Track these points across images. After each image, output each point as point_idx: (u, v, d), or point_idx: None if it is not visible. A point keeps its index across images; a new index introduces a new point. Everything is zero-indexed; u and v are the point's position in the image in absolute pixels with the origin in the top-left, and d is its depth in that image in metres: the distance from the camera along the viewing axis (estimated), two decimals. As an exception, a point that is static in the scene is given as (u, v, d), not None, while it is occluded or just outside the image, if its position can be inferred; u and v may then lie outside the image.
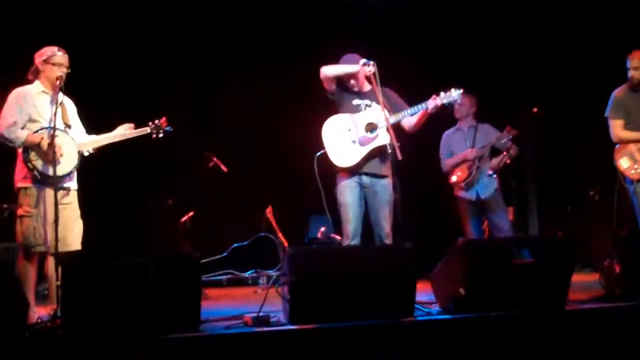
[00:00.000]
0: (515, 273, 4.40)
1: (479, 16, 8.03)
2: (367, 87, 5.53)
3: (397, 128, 5.41)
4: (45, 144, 4.83)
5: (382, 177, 5.40)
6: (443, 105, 5.30)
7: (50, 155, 4.80)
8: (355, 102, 5.49)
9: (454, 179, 6.65)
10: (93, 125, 5.39)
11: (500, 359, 4.15)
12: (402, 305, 4.29)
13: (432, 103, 5.28)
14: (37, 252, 4.90)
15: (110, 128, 5.33)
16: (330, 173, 5.49)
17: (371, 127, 5.37)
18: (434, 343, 4.14)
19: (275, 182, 8.24)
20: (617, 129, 5.88)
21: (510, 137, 6.55)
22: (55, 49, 5.08)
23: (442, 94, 5.30)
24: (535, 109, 6.92)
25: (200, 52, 8.16)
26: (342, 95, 5.52)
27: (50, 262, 4.93)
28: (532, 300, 4.37)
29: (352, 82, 5.50)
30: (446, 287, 4.53)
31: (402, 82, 5.67)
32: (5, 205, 6.86)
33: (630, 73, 5.84)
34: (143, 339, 3.87)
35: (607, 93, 6.01)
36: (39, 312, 4.70)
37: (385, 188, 5.39)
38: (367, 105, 5.45)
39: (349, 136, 5.40)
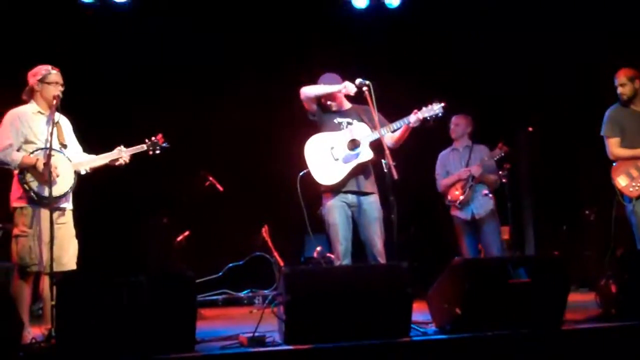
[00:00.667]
0: (512, 292, 4.39)
1: (475, 36, 8.06)
2: (346, 105, 5.58)
3: (379, 145, 5.38)
4: (40, 165, 4.83)
5: (368, 194, 5.40)
6: (425, 119, 5.27)
7: (45, 176, 4.79)
8: (337, 120, 5.49)
9: (449, 198, 6.67)
10: (89, 144, 5.37)
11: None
12: (398, 325, 4.28)
13: (414, 117, 5.26)
14: (33, 272, 4.88)
15: (106, 147, 5.32)
16: (316, 193, 5.51)
17: (353, 145, 5.38)
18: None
19: (271, 201, 8.23)
20: (613, 147, 5.91)
21: (502, 153, 6.58)
22: (49, 67, 5.08)
23: (423, 108, 5.28)
24: (530, 128, 6.94)
25: (197, 71, 8.18)
26: (323, 114, 5.54)
27: (45, 282, 4.91)
28: (529, 319, 4.36)
29: (329, 102, 5.54)
30: (442, 306, 4.52)
31: (396, 101, 5.68)
32: (0, 225, 6.83)
33: (619, 90, 5.90)
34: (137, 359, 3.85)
35: (602, 111, 6.04)
36: (33, 332, 4.67)
37: (372, 205, 5.38)
38: (348, 123, 5.46)
39: (332, 154, 5.41)
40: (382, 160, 5.30)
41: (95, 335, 3.93)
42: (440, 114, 5.30)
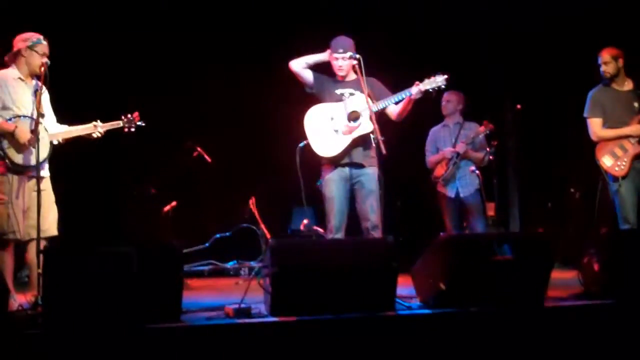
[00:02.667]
0: (495, 269, 4.44)
1: (467, 14, 8.05)
2: (351, 76, 5.48)
3: (383, 118, 5.40)
4: (19, 133, 4.80)
5: (366, 167, 5.35)
6: (427, 91, 5.22)
7: (22, 144, 4.80)
8: (339, 91, 5.42)
9: (434, 174, 6.71)
10: (67, 115, 5.34)
11: (480, 354, 4.19)
12: (383, 299, 4.32)
13: (416, 89, 5.21)
14: (11, 240, 4.87)
15: (83, 118, 5.30)
16: (315, 165, 5.47)
17: (354, 116, 5.32)
18: (414, 337, 4.17)
19: (259, 173, 8.24)
20: (596, 127, 5.94)
21: (488, 131, 6.60)
22: (40, 36, 5.02)
23: (425, 80, 5.22)
24: (518, 106, 6.96)
25: (184, 42, 8.12)
26: (323, 85, 5.47)
27: (31, 249, 4.91)
28: (512, 296, 4.41)
29: (337, 69, 5.44)
30: (427, 281, 4.56)
31: (385, 77, 5.67)
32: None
33: (602, 69, 5.94)
34: (124, 328, 3.87)
35: (590, 89, 6.07)
36: (19, 300, 4.68)
37: (370, 178, 5.32)
38: (350, 94, 5.37)
39: (332, 125, 5.36)
40: (371, 135, 5.26)
41: (82, 304, 3.94)
42: (443, 86, 5.24)
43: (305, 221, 7.87)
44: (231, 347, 3.92)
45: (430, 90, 5.22)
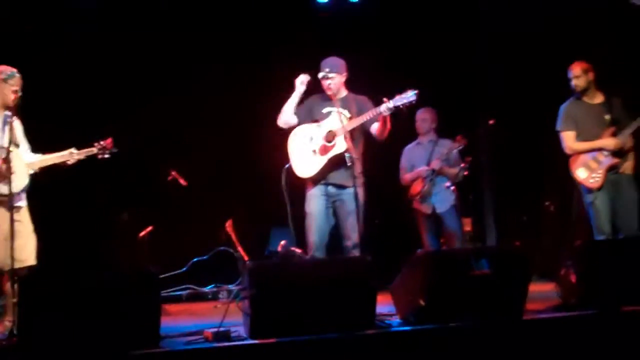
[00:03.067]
0: (474, 283, 4.45)
1: (442, 22, 8.14)
2: (342, 93, 5.55)
3: (371, 138, 5.47)
4: None
5: (348, 187, 5.35)
6: (397, 107, 5.18)
7: (1, 174, 4.80)
8: (326, 110, 5.49)
9: (410, 192, 6.74)
10: (40, 144, 5.34)
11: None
12: (362, 318, 4.31)
13: (384, 106, 5.19)
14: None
15: (55, 145, 5.31)
16: (300, 185, 5.53)
17: (330, 136, 5.37)
18: (395, 355, 4.16)
19: (235, 195, 8.21)
20: (569, 140, 6.01)
21: (461, 147, 6.64)
22: (14, 70, 5.07)
23: (396, 96, 5.19)
24: (491, 121, 7.03)
25: (160, 62, 8.09)
26: (312, 109, 5.55)
27: (6, 278, 4.85)
28: (491, 310, 4.43)
29: (325, 88, 5.47)
30: (406, 298, 4.56)
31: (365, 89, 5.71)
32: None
33: (573, 82, 6.01)
34: (102, 356, 3.82)
35: (562, 102, 6.14)
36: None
37: (350, 197, 5.29)
38: (338, 112, 5.38)
39: (310, 146, 5.43)
40: (345, 154, 5.27)
41: (58, 332, 3.90)
42: (413, 101, 5.18)
43: (282, 242, 7.84)
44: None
45: (401, 106, 5.18)
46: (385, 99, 5.23)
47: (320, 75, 5.43)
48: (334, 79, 5.44)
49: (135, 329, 4.00)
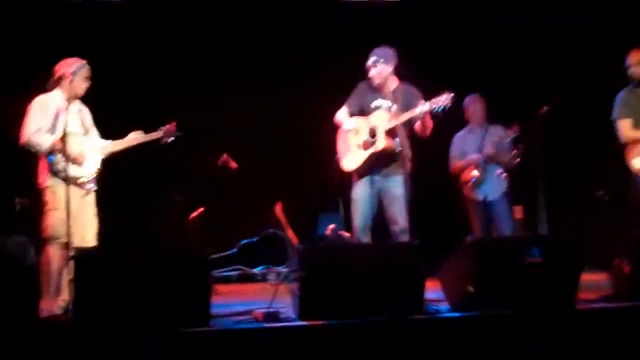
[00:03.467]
0: (525, 272, 4.41)
1: (492, 16, 8.04)
2: (391, 85, 5.58)
3: (412, 130, 5.48)
4: (69, 148, 5.01)
5: (393, 175, 5.46)
6: (432, 110, 5.23)
7: (72, 157, 5.05)
8: (375, 103, 5.56)
9: (463, 178, 6.67)
10: (105, 130, 5.55)
11: (509, 357, 4.16)
12: (411, 303, 4.31)
13: (419, 109, 5.25)
14: (64, 244, 4.95)
15: (120, 133, 5.52)
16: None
17: (372, 131, 5.45)
18: (442, 341, 4.16)
19: (286, 179, 8.25)
20: (626, 129, 5.89)
21: (515, 134, 6.54)
22: (84, 61, 5.24)
23: (433, 99, 5.24)
24: (545, 108, 6.90)
25: (213, 47, 8.18)
26: (361, 102, 5.61)
27: (49, 255, 5.03)
28: (542, 299, 4.38)
29: (372, 78, 5.54)
30: (455, 285, 4.54)
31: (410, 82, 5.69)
32: (17, 200, 6.93)
33: (631, 70, 5.89)
34: (153, 334, 3.90)
35: (617, 92, 6.02)
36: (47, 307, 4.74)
37: (397, 184, 5.41)
38: (387, 107, 5.49)
39: (356, 140, 5.53)
40: (396, 139, 5.34)
41: (112, 310, 3.99)
42: (448, 106, 5.23)
43: (331, 226, 7.87)
44: (260, 351, 3.93)
45: (436, 108, 5.22)
46: (421, 101, 5.29)
47: (369, 64, 5.51)
48: (379, 68, 5.49)
49: (186, 308, 4.06)
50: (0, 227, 6.68)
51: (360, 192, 5.51)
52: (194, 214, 7.55)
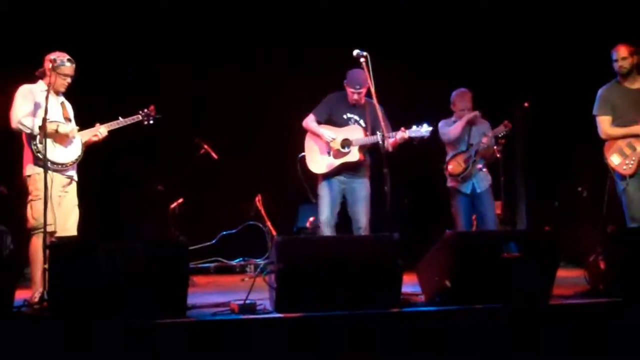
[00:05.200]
0: (502, 266, 4.43)
1: (473, 12, 8.06)
2: (363, 100, 5.82)
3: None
4: (59, 131, 5.12)
5: (358, 176, 5.86)
6: (410, 138, 5.63)
7: (59, 142, 5.15)
8: (346, 115, 5.88)
9: (450, 170, 6.61)
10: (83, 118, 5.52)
11: (485, 351, 4.18)
12: (388, 296, 4.32)
13: (400, 135, 5.61)
14: (49, 232, 4.90)
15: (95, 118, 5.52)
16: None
17: (346, 143, 5.79)
18: (419, 334, 4.16)
19: (265, 171, 8.25)
20: (604, 125, 5.91)
21: (506, 131, 6.52)
22: (65, 58, 5.24)
23: (413, 127, 5.64)
24: (526, 104, 6.94)
25: (194, 39, 8.14)
26: (332, 111, 5.91)
27: (36, 245, 5.01)
28: (518, 293, 4.40)
29: (351, 100, 5.84)
30: (432, 279, 4.55)
31: (396, 77, 5.73)
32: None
33: (618, 64, 5.88)
34: (129, 324, 3.88)
35: (598, 86, 6.05)
36: (23, 295, 4.70)
37: (361, 185, 5.86)
38: (356, 121, 5.84)
39: (326, 147, 5.84)
40: (377, 132, 5.48)
41: (88, 299, 3.96)
42: (425, 137, 5.69)
43: (311, 219, 7.88)
44: (236, 342, 3.92)
45: (414, 138, 5.64)
46: (402, 128, 5.62)
47: (350, 90, 5.81)
48: (362, 93, 5.79)
49: (163, 298, 4.05)
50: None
51: (326, 189, 5.85)
52: (174, 204, 7.52)
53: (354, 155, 5.79)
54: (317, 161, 5.88)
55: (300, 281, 4.20)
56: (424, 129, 5.67)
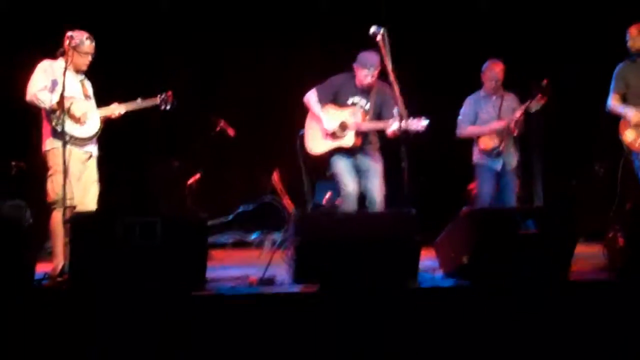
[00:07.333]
0: (519, 243, 4.43)
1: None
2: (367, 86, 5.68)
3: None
4: (74, 110, 5.12)
5: (370, 152, 5.74)
6: (407, 131, 5.29)
7: (74, 118, 5.14)
8: (351, 100, 5.71)
9: (481, 147, 6.44)
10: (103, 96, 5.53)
11: (502, 327, 4.19)
12: (405, 271, 4.33)
13: (396, 125, 5.30)
14: (69, 207, 4.97)
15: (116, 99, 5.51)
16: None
17: (343, 126, 5.64)
18: (436, 309, 4.18)
19: (282, 146, 8.24)
20: (612, 100, 5.92)
21: (540, 105, 6.32)
22: (84, 37, 5.23)
23: (410, 120, 5.30)
24: (544, 81, 6.86)
25: (209, 14, 8.13)
26: (338, 93, 5.75)
27: (57, 219, 5.03)
28: (536, 270, 4.40)
29: (363, 80, 5.64)
30: (450, 255, 4.57)
31: (414, 57, 5.68)
32: (14, 163, 6.95)
33: (630, 43, 5.88)
34: (149, 296, 3.92)
35: (615, 66, 6.02)
36: (44, 269, 4.76)
37: (374, 160, 5.72)
38: (361, 106, 5.68)
39: (324, 127, 5.68)
40: (395, 109, 5.31)
41: (108, 273, 4.01)
42: (421, 131, 5.37)
43: (327, 195, 7.87)
44: (254, 315, 3.96)
45: (410, 130, 5.29)
46: (395, 113, 5.28)
47: (363, 72, 5.61)
48: (374, 75, 5.61)
49: (183, 272, 4.09)
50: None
51: (343, 164, 5.69)
52: (191, 179, 7.55)
53: (349, 140, 5.65)
54: (316, 141, 5.78)
55: (318, 256, 4.22)
56: (422, 122, 5.36)
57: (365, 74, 5.62)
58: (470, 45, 7.85)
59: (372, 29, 5.20)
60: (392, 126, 5.38)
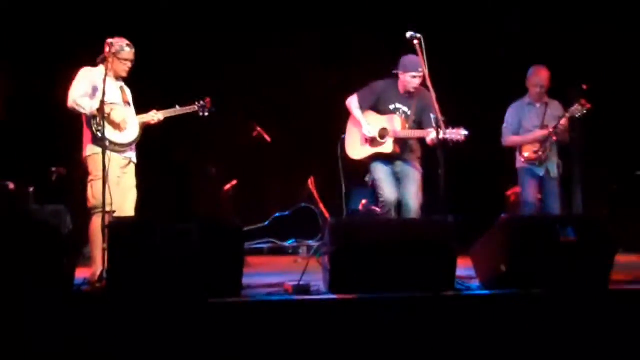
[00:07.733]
0: (559, 251, 4.36)
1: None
2: (415, 89, 5.67)
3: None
4: (112, 113, 5.17)
5: (410, 160, 5.75)
6: (445, 139, 5.25)
7: (114, 124, 5.21)
8: (393, 106, 5.72)
9: (525, 156, 6.37)
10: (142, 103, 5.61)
11: (540, 336, 4.14)
12: (442, 279, 4.30)
13: (433, 135, 5.29)
14: (108, 212, 5.00)
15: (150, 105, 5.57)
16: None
17: (383, 133, 5.66)
18: (472, 318, 4.14)
19: (318, 153, 8.25)
20: None
21: (585, 111, 6.23)
22: (124, 43, 5.30)
23: (450, 129, 5.26)
24: (584, 86, 6.76)
25: (250, 20, 8.18)
26: (379, 99, 5.77)
27: (96, 224, 5.09)
28: (575, 278, 4.34)
29: (408, 86, 5.67)
30: (487, 263, 4.52)
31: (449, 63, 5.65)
32: (54, 169, 7.06)
33: None
34: (185, 303, 3.94)
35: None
36: (83, 275, 4.81)
37: (413, 168, 5.73)
38: (403, 112, 5.69)
39: (364, 133, 5.71)
40: (431, 115, 5.29)
41: (145, 279, 4.04)
42: (460, 142, 5.31)
43: (363, 201, 7.86)
44: (290, 322, 3.95)
45: (449, 140, 5.26)
46: (433, 123, 5.24)
47: (411, 75, 5.60)
48: (418, 80, 5.59)
49: (219, 278, 4.10)
50: (37, 196, 6.80)
51: (383, 171, 5.72)
52: (228, 186, 7.60)
53: (388, 147, 5.68)
54: (355, 146, 5.82)
55: (354, 263, 4.21)
56: (462, 133, 5.29)
57: (412, 76, 5.61)
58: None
59: (409, 34, 5.21)
60: (431, 135, 5.36)
